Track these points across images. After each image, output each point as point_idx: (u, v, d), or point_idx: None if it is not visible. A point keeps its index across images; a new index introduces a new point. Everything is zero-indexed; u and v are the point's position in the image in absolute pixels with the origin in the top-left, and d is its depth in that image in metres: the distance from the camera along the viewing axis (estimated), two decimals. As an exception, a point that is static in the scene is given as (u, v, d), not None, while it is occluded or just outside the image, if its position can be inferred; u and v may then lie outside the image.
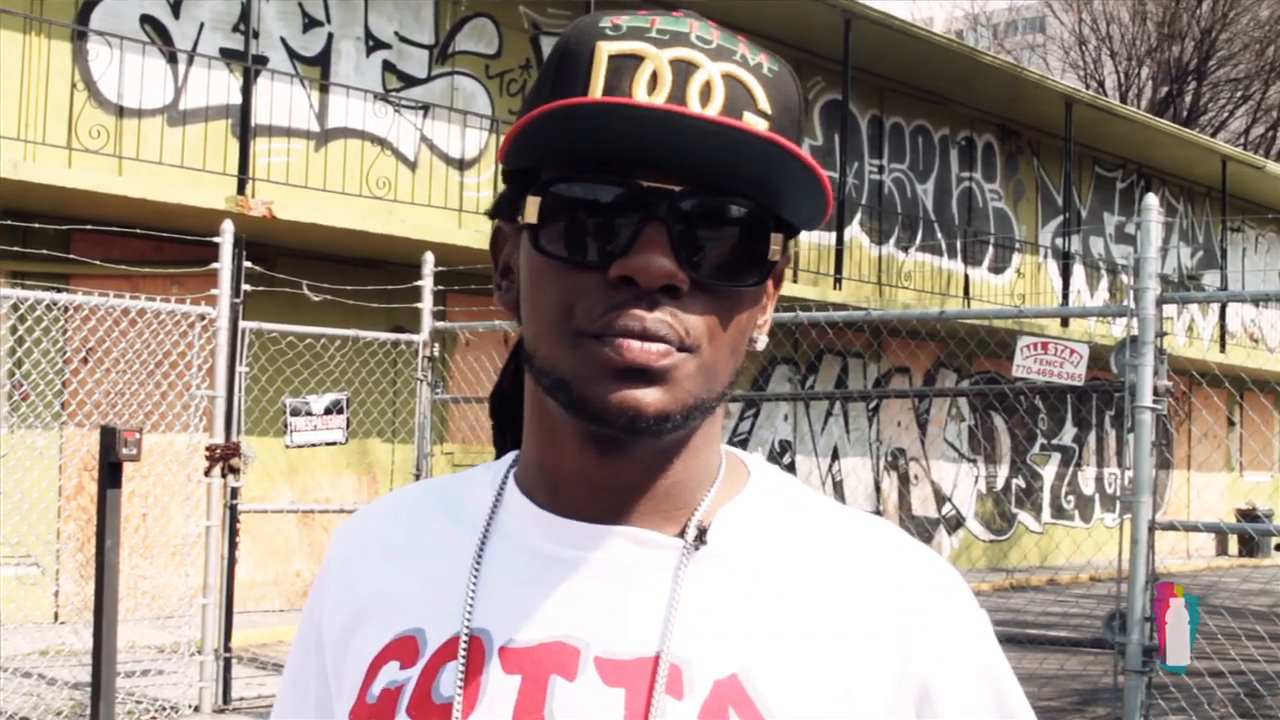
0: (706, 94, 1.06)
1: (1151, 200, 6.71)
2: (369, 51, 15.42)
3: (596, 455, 1.12)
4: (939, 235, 22.75)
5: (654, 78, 1.06)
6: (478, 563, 1.15)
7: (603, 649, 1.09)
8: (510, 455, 1.24)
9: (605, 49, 1.08)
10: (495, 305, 1.18)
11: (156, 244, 12.34)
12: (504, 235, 1.21)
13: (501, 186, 1.19)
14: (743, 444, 18.78)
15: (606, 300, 1.06)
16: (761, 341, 1.17)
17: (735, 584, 1.11)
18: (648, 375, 1.05)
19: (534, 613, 1.11)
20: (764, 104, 1.08)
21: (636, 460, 1.12)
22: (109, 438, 8.52)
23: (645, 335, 1.05)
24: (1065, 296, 23.59)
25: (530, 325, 1.12)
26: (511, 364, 1.29)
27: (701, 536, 1.12)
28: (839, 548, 1.14)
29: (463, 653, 1.11)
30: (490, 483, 1.21)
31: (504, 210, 1.19)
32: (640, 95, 1.05)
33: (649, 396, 1.06)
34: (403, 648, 1.14)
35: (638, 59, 1.07)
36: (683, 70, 1.06)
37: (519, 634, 1.11)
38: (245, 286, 9.68)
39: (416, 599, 1.17)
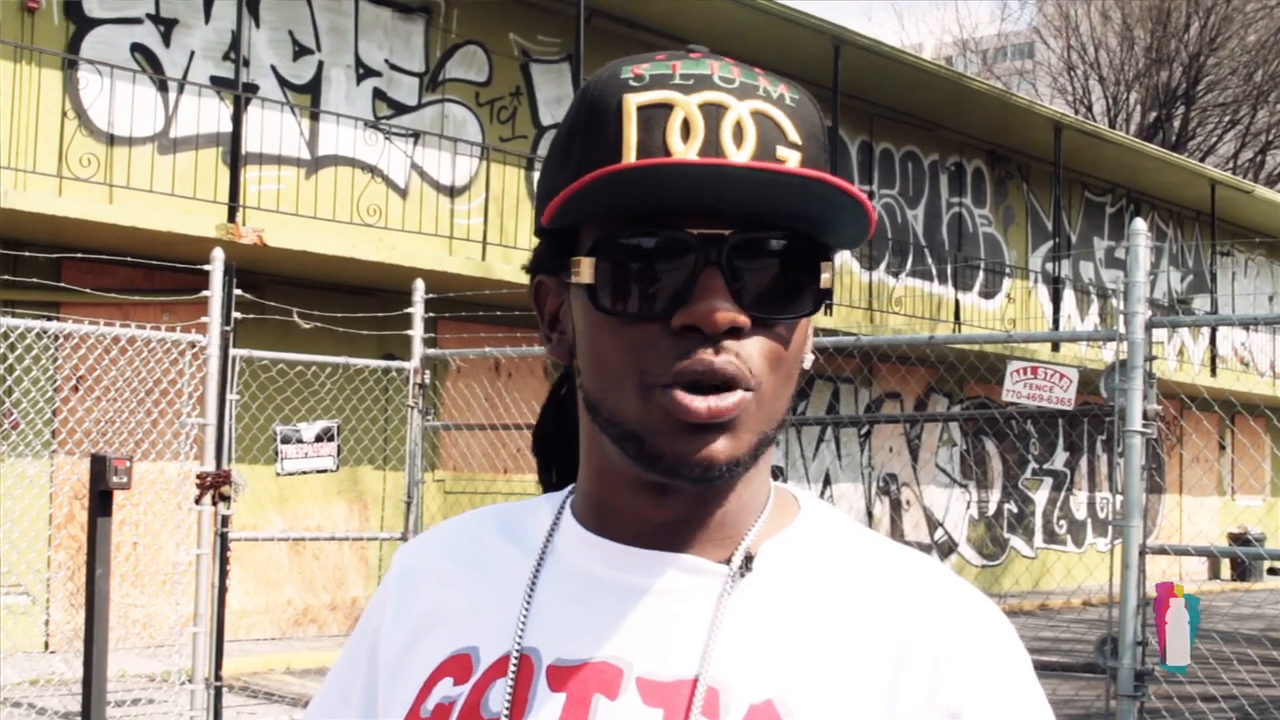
0: (739, 134, 1.08)
1: (1139, 225, 6.73)
2: (359, 79, 15.45)
3: (650, 497, 1.14)
4: (929, 260, 22.79)
5: (686, 125, 1.08)
6: (532, 584, 1.19)
7: (645, 670, 1.11)
8: (571, 485, 1.27)
9: (633, 101, 1.09)
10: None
11: (147, 272, 12.35)
12: (546, 289, 1.23)
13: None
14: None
15: (673, 350, 1.08)
16: (809, 360, 1.18)
17: (777, 611, 1.13)
18: (720, 426, 1.08)
19: (582, 633, 1.14)
20: (794, 135, 1.10)
21: (689, 499, 1.14)
22: (99, 466, 8.50)
23: (714, 376, 1.07)
24: (1055, 321, 23.63)
25: (593, 379, 1.13)
26: (551, 404, 1.33)
27: (748, 564, 1.14)
28: (880, 580, 1.15)
29: (512, 670, 1.14)
30: (550, 509, 1.24)
31: (544, 266, 1.21)
32: (675, 144, 1.07)
33: (720, 445, 1.08)
34: (457, 665, 1.18)
35: (667, 107, 1.09)
36: (713, 114, 1.08)
37: (566, 653, 1.14)
38: (236, 314, 9.67)
39: (472, 618, 1.20)
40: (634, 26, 17.63)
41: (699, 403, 1.06)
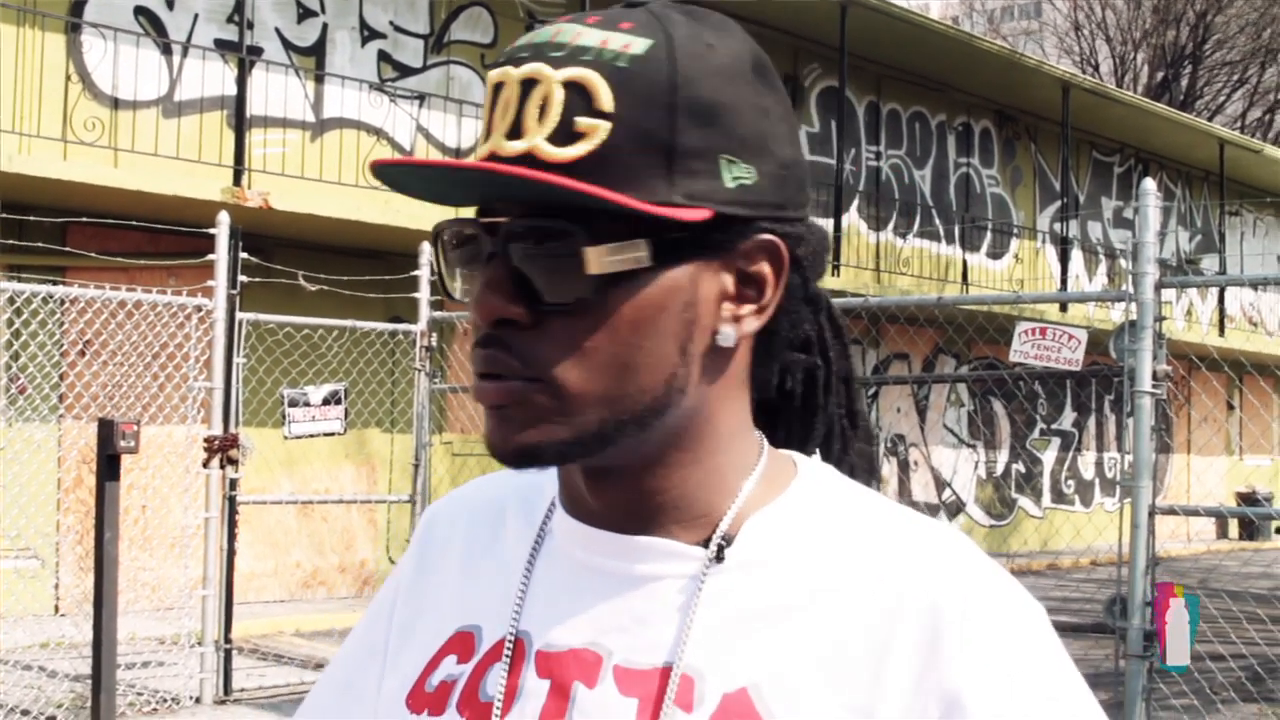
0: (544, 110, 1.03)
1: (1149, 185, 6.70)
2: (364, 41, 15.40)
3: (584, 478, 1.12)
4: (937, 221, 22.74)
5: (505, 105, 1.05)
6: (529, 565, 1.16)
7: (622, 658, 1.08)
8: None
9: (491, 78, 1.08)
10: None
11: (153, 236, 12.33)
12: None
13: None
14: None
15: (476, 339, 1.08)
16: (728, 335, 1.08)
17: (755, 595, 1.08)
18: (504, 412, 1.06)
19: (567, 619, 1.12)
20: (605, 103, 1.03)
21: (616, 483, 1.11)
22: (107, 430, 8.51)
23: (484, 374, 1.06)
24: (1064, 281, 23.60)
25: None
26: None
27: (723, 549, 1.09)
28: (872, 552, 1.08)
29: (506, 655, 1.12)
30: (554, 485, 1.21)
31: None
32: (496, 123, 1.06)
33: (506, 432, 1.06)
34: (462, 642, 1.16)
35: (500, 85, 1.06)
36: (527, 88, 1.04)
37: (553, 639, 1.11)
38: (242, 278, 9.67)
39: (480, 595, 1.18)
40: (640, -13, 17.56)
41: (483, 382, 1.07)
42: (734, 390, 1.12)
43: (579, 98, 1.03)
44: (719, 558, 1.09)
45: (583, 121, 1.03)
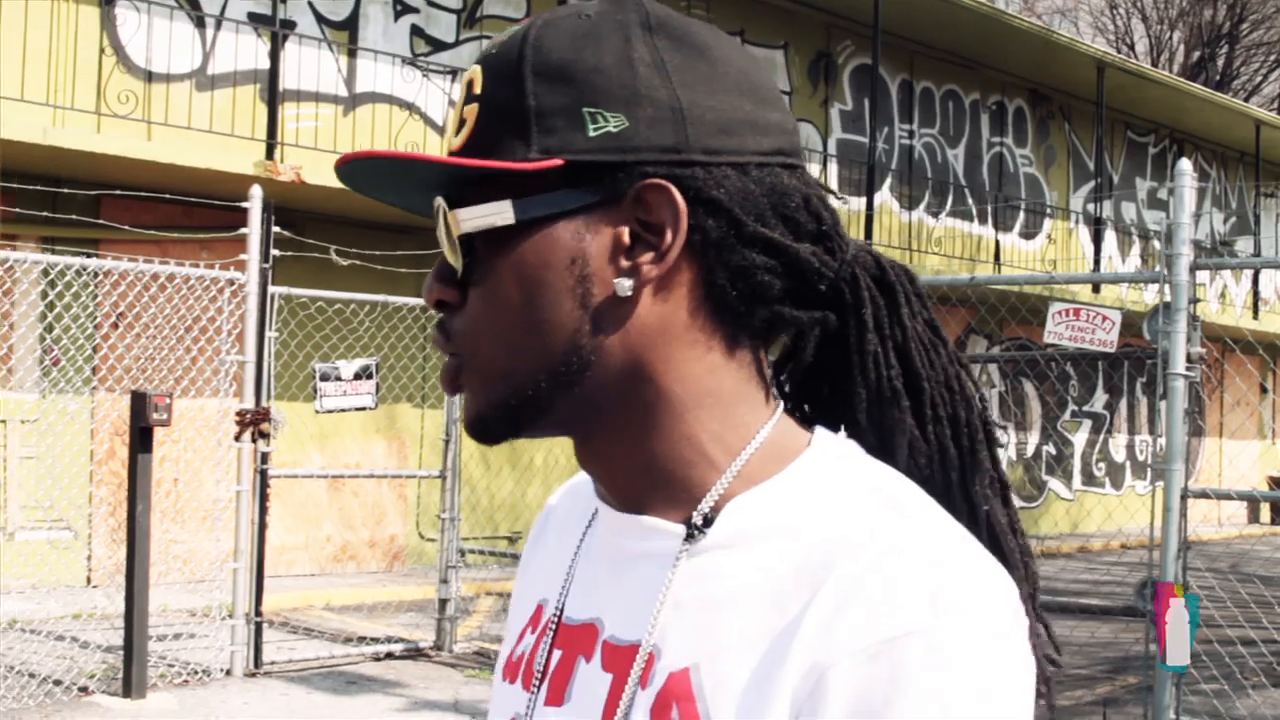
0: (461, 105, 1.13)
1: (1185, 165, 6.65)
2: (397, 16, 15.39)
3: (578, 457, 1.16)
4: (969, 200, 22.63)
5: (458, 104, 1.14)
6: (579, 543, 1.22)
7: (609, 633, 1.10)
8: None
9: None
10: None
11: (186, 209, 12.36)
12: None
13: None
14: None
15: None
16: (624, 286, 1.06)
17: (724, 577, 1.05)
18: (459, 390, 1.13)
19: (584, 593, 1.16)
20: (478, 88, 1.10)
21: (595, 458, 1.13)
22: (140, 403, 8.55)
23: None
24: (1097, 262, 23.46)
25: None
26: None
27: (696, 527, 1.07)
28: (826, 543, 1.02)
29: (551, 629, 1.17)
30: None
31: None
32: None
33: (466, 409, 1.14)
34: (538, 615, 1.22)
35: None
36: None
37: (574, 613, 1.16)
38: (274, 251, 9.69)
39: (555, 570, 1.24)
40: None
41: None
42: (680, 350, 1.08)
43: (469, 91, 1.12)
44: (691, 537, 1.07)
45: (467, 109, 1.11)
